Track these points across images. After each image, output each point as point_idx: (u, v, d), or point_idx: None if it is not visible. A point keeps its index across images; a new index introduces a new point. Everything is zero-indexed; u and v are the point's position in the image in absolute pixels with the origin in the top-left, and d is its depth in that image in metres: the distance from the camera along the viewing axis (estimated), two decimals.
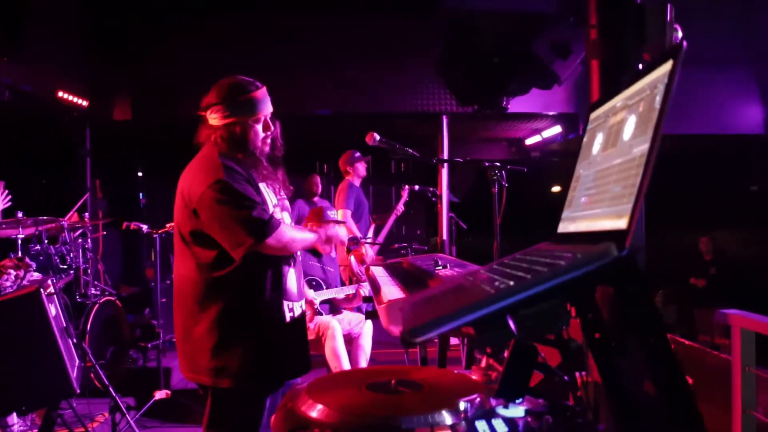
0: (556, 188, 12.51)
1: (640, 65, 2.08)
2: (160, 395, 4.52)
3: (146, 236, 5.09)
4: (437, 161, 3.92)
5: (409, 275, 2.86)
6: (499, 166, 3.39)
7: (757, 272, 8.22)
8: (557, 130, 8.03)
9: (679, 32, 2.06)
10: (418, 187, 6.05)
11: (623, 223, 0.91)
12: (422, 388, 1.45)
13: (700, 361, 3.36)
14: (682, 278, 8.29)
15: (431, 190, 6.27)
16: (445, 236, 6.46)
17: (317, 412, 1.34)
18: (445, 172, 6.71)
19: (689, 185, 8.73)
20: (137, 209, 8.97)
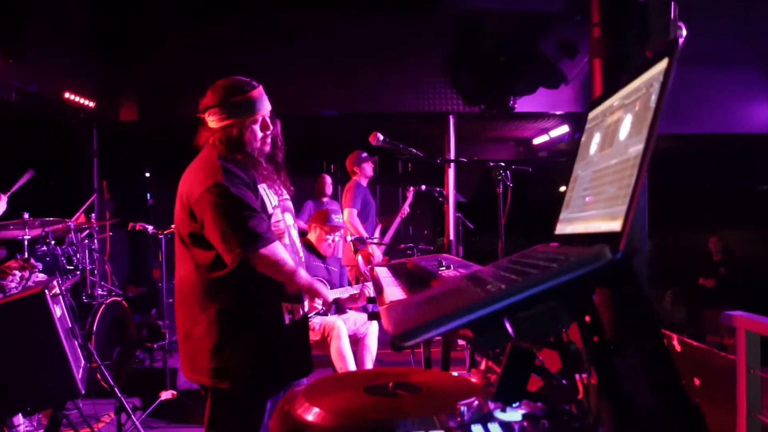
0: (563, 188, 12.45)
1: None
2: (166, 396, 4.53)
3: (152, 237, 5.10)
4: (441, 161, 3.90)
5: (412, 276, 2.84)
6: (503, 166, 3.37)
7: (766, 272, 8.15)
8: (565, 129, 7.97)
9: (683, 30, 2.03)
10: (424, 187, 6.04)
11: (617, 225, 0.89)
12: (420, 391, 1.44)
13: (707, 362, 3.32)
14: (691, 278, 8.23)
15: (438, 190, 6.27)
16: (451, 236, 6.44)
17: (313, 415, 1.33)
18: (451, 172, 6.69)
19: (698, 185, 8.68)
20: (144, 210, 8.98)
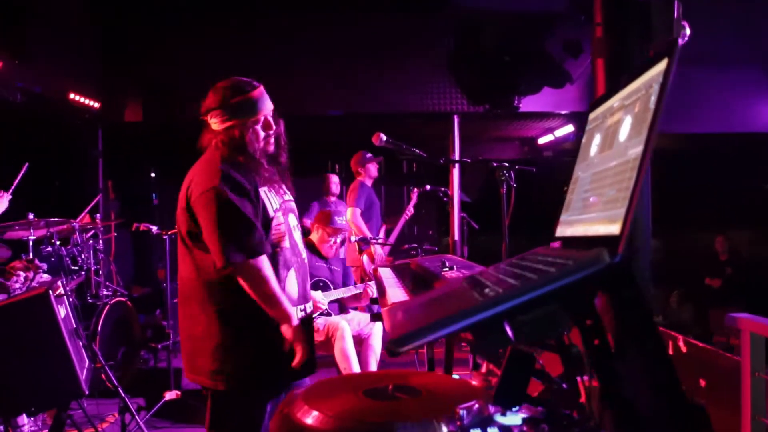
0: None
1: None
2: (170, 396, 4.53)
3: (156, 237, 5.10)
4: (445, 162, 3.89)
5: (415, 277, 2.83)
6: (507, 166, 3.36)
7: None
8: (570, 128, 7.94)
9: (687, 30, 2.01)
10: (429, 187, 6.02)
11: (616, 228, 0.88)
12: (420, 394, 1.43)
13: (712, 363, 3.29)
14: (697, 278, 8.19)
15: (443, 190, 6.25)
16: (456, 236, 6.42)
17: (312, 418, 1.32)
18: (456, 172, 6.68)
19: (703, 184, 8.63)
20: (150, 210, 9.00)
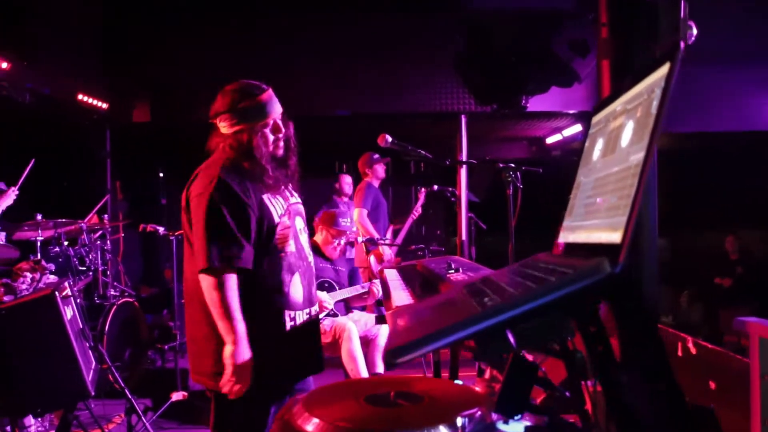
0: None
1: None
2: (176, 397, 4.54)
3: (164, 238, 5.11)
4: (451, 163, 3.86)
5: (421, 279, 2.82)
6: (513, 167, 3.33)
7: None
8: (578, 128, 7.90)
9: (693, 30, 1.98)
10: (437, 187, 6.00)
11: (617, 236, 0.86)
12: (422, 400, 1.41)
13: (722, 365, 3.25)
14: (707, 278, 8.12)
15: (450, 190, 6.22)
16: (464, 237, 6.39)
17: (312, 426, 1.31)
18: (463, 172, 6.65)
19: (714, 183, 8.55)
20: (158, 210, 9.02)
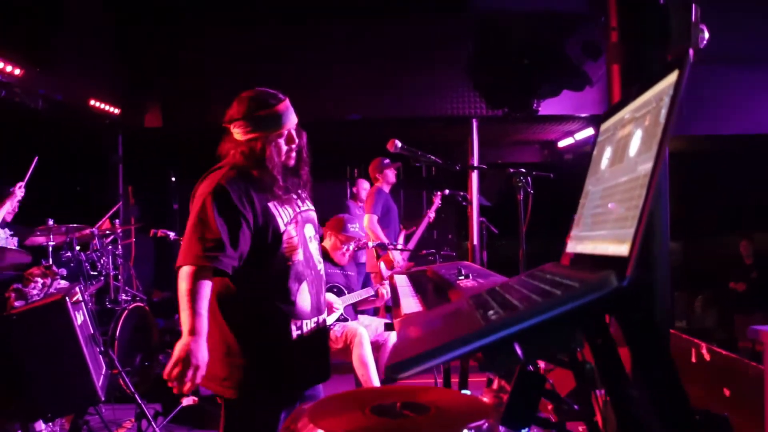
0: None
1: None
2: (187, 402, 4.53)
3: (175, 243, 5.11)
4: (461, 168, 3.85)
5: (430, 285, 2.80)
6: (524, 172, 3.31)
7: None
8: (590, 132, 7.85)
9: (705, 33, 1.95)
10: (448, 191, 5.99)
11: (625, 249, 0.84)
12: (429, 411, 1.39)
13: (737, 371, 3.20)
14: (721, 282, 8.05)
15: (462, 194, 6.20)
16: (475, 241, 6.37)
17: None
18: (475, 176, 6.63)
19: (728, 187, 8.48)
20: (170, 215, 9.06)
